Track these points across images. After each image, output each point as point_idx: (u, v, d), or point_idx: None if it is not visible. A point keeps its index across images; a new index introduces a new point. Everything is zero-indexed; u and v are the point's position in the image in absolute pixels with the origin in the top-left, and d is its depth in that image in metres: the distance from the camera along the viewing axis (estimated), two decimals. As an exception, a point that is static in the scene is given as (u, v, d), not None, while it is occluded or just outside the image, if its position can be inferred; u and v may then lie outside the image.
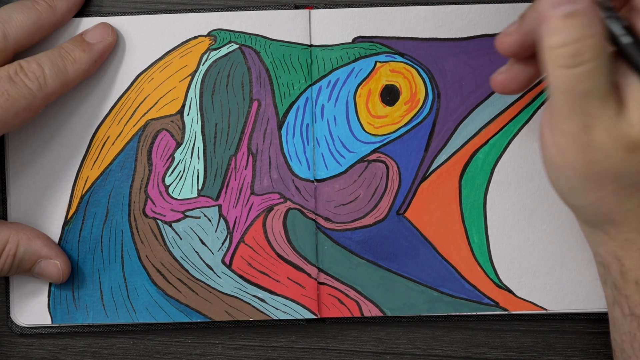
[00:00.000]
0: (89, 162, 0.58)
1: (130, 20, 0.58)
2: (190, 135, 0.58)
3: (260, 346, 0.60)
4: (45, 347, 0.60)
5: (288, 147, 0.58)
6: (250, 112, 0.58)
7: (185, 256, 0.58)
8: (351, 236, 0.58)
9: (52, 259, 0.57)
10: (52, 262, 0.57)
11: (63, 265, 0.57)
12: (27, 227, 0.57)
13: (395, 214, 0.58)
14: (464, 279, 0.58)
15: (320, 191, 0.58)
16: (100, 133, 0.58)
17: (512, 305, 0.58)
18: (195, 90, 0.58)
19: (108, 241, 0.58)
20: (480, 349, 0.59)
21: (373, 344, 0.59)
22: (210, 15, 0.58)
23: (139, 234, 0.58)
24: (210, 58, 0.58)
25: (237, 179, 0.58)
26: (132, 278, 0.58)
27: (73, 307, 0.58)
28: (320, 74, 0.58)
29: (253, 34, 0.58)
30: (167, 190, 0.58)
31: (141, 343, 0.60)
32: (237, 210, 0.58)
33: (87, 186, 0.58)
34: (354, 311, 0.58)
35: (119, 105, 0.58)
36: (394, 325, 0.59)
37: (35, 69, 0.54)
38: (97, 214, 0.58)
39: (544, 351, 0.59)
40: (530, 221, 0.58)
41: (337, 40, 0.58)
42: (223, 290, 0.58)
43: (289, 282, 0.58)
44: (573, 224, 0.58)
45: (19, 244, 0.56)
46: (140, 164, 0.58)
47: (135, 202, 0.58)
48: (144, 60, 0.58)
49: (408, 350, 0.59)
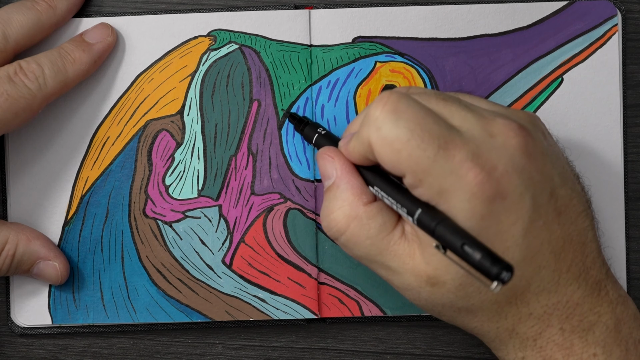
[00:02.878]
0: (89, 162, 0.58)
1: (130, 21, 0.58)
2: (190, 136, 0.58)
3: (260, 346, 0.60)
4: (45, 347, 0.60)
5: (288, 147, 0.58)
6: (250, 112, 0.58)
7: (186, 256, 0.58)
8: (351, 236, 0.58)
9: (51, 260, 0.57)
10: (50, 264, 0.57)
11: (61, 267, 0.57)
12: (26, 228, 0.57)
13: (395, 214, 0.58)
14: (464, 278, 0.58)
15: (321, 191, 0.58)
16: (100, 133, 0.58)
17: (512, 305, 0.58)
18: (195, 91, 0.58)
19: (108, 241, 0.58)
20: (480, 348, 0.59)
21: (373, 344, 0.59)
22: (210, 15, 0.58)
23: (139, 234, 0.58)
24: (210, 58, 0.58)
25: (237, 179, 0.58)
26: (132, 278, 0.58)
27: (73, 307, 0.58)
28: (320, 74, 0.58)
29: (253, 34, 0.58)
30: (167, 190, 0.58)
31: (141, 343, 0.60)
32: (238, 210, 0.58)
33: (87, 186, 0.58)
34: (354, 311, 0.58)
35: (119, 105, 0.58)
36: (394, 325, 0.59)
37: (35, 69, 0.54)
38: (97, 215, 0.58)
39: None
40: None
41: (337, 40, 0.58)
42: (223, 290, 0.58)
43: (289, 282, 0.58)
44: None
45: (18, 244, 0.56)
46: (140, 164, 0.58)
47: (136, 203, 0.58)
48: (144, 60, 0.58)
49: (408, 350, 0.59)
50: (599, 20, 0.58)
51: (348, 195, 0.50)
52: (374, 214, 0.50)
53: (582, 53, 0.58)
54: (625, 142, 0.58)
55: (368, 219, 0.50)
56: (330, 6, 0.58)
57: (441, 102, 0.49)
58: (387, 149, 0.47)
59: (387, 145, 0.47)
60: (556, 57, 0.58)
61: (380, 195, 0.49)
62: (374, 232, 0.50)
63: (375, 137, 0.47)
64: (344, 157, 0.51)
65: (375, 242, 0.50)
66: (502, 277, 0.42)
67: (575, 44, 0.58)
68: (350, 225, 0.50)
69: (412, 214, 0.47)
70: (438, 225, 0.45)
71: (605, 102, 0.58)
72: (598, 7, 0.58)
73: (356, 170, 0.51)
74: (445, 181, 0.46)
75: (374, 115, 0.47)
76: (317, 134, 0.55)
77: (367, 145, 0.48)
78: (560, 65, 0.58)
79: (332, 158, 0.51)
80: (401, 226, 0.50)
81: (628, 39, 0.59)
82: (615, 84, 0.58)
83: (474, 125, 0.47)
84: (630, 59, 0.59)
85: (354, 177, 0.51)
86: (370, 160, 0.50)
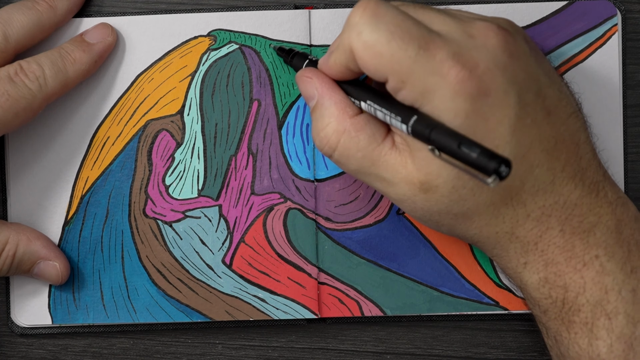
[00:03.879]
0: (89, 162, 0.58)
1: (130, 21, 0.58)
2: (190, 136, 0.58)
3: (260, 346, 0.60)
4: (45, 347, 0.60)
5: (288, 147, 0.58)
6: (251, 112, 0.58)
7: (186, 256, 0.58)
8: (351, 236, 0.58)
9: (52, 260, 0.57)
10: (51, 264, 0.57)
11: (62, 267, 0.57)
12: (27, 228, 0.57)
13: (395, 214, 0.58)
14: (464, 278, 0.58)
15: (321, 191, 0.58)
16: (100, 133, 0.58)
17: (512, 305, 0.58)
18: (196, 91, 0.58)
19: (108, 241, 0.58)
20: (480, 348, 0.59)
21: (373, 344, 0.59)
22: (210, 15, 0.58)
23: (139, 234, 0.58)
24: (211, 58, 0.58)
25: (238, 179, 0.58)
26: (132, 278, 0.58)
27: (73, 307, 0.58)
28: (320, 74, 0.58)
29: (253, 34, 0.58)
30: (168, 190, 0.58)
31: (141, 343, 0.60)
32: (238, 210, 0.58)
33: (87, 186, 0.58)
34: (354, 311, 0.58)
35: (119, 105, 0.58)
36: (394, 325, 0.59)
37: (35, 69, 0.54)
38: (98, 214, 0.58)
39: (544, 351, 0.59)
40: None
41: (337, 40, 0.58)
42: (223, 290, 0.58)
43: (289, 282, 0.58)
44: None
45: (18, 244, 0.56)
46: (140, 164, 0.58)
47: (136, 202, 0.58)
48: (144, 60, 0.58)
49: (408, 350, 0.59)
50: (598, 20, 0.58)
51: (333, 110, 0.51)
52: (361, 126, 0.50)
53: (582, 53, 0.58)
54: (625, 142, 0.58)
55: (356, 131, 0.50)
56: (330, 6, 0.58)
57: (419, 9, 0.49)
58: (368, 52, 0.47)
59: (369, 48, 0.47)
60: (556, 57, 0.58)
61: (373, 108, 0.50)
62: (364, 144, 0.50)
63: (356, 42, 0.48)
64: (323, 74, 0.52)
65: (367, 154, 0.50)
66: (500, 171, 0.42)
67: (575, 44, 0.58)
68: (340, 140, 0.50)
69: (406, 121, 0.47)
70: (433, 130, 0.45)
71: (605, 102, 0.58)
72: (598, 7, 0.58)
73: (337, 86, 0.52)
74: (427, 81, 0.46)
75: (353, 20, 0.48)
76: (307, 61, 0.55)
77: (348, 53, 0.49)
78: (560, 65, 0.58)
79: (310, 78, 0.52)
80: (391, 137, 0.50)
81: (628, 38, 0.59)
82: (615, 84, 0.58)
83: (453, 28, 0.48)
84: (630, 59, 0.59)
85: (336, 92, 0.51)
86: (352, 71, 0.50)
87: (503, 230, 0.50)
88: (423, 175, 0.48)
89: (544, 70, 0.50)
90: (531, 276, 0.51)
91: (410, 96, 0.47)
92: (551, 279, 0.50)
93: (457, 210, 0.49)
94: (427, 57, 0.46)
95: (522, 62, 0.49)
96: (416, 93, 0.47)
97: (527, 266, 0.51)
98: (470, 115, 0.47)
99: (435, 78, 0.46)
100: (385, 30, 0.47)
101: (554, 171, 0.49)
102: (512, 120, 0.48)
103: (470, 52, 0.47)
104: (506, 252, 0.51)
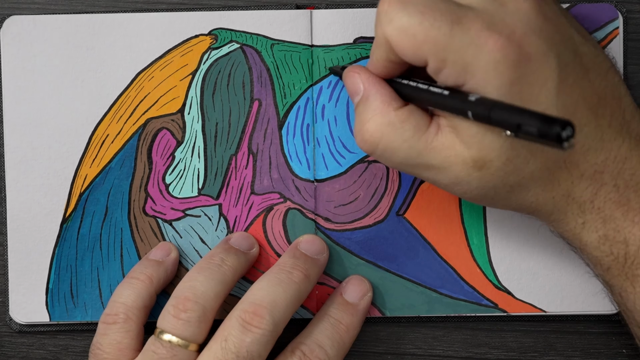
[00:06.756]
0: (87, 160, 0.58)
1: (130, 18, 0.58)
2: (190, 134, 0.58)
3: (259, 345, 0.60)
4: (45, 347, 0.60)
5: (288, 147, 0.58)
6: (251, 112, 0.58)
7: (186, 255, 0.58)
8: (351, 237, 0.58)
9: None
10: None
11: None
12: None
13: (395, 215, 0.58)
14: (463, 280, 0.58)
15: (320, 191, 0.58)
16: (100, 131, 0.58)
17: (512, 307, 0.58)
18: (196, 89, 0.58)
19: (107, 239, 0.58)
20: (480, 349, 0.59)
21: (373, 344, 0.60)
22: (212, 14, 0.58)
23: (138, 232, 0.58)
24: (211, 57, 0.58)
25: (238, 179, 0.58)
26: (131, 277, 0.58)
27: (72, 304, 0.58)
28: (322, 74, 0.58)
29: (254, 33, 0.58)
30: (168, 188, 0.58)
31: (140, 342, 0.60)
32: (237, 209, 0.58)
33: (85, 184, 0.58)
34: (353, 311, 0.58)
35: (119, 103, 0.58)
36: (394, 325, 0.59)
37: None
38: (96, 212, 0.58)
39: (545, 351, 0.59)
40: (530, 223, 0.58)
41: (339, 40, 0.58)
42: (223, 289, 0.58)
43: (289, 282, 0.58)
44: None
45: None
46: (140, 162, 0.58)
47: (135, 201, 0.58)
48: (145, 58, 0.58)
49: (409, 351, 0.60)
50: (600, 22, 0.58)
51: (378, 104, 0.50)
52: (406, 117, 0.50)
53: (582, 55, 0.58)
54: (624, 144, 0.58)
55: (401, 122, 0.50)
56: (331, 6, 0.58)
57: None
58: (403, 37, 0.47)
59: (403, 33, 0.47)
60: (557, 59, 0.58)
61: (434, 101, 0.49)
62: (409, 134, 0.49)
63: (389, 30, 0.47)
64: (369, 71, 0.52)
65: (413, 144, 0.49)
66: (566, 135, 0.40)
67: (576, 46, 0.58)
68: (384, 133, 0.50)
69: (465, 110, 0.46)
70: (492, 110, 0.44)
71: (605, 104, 0.58)
72: (600, 10, 0.58)
73: (383, 81, 0.51)
74: (467, 55, 0.46)
75: (382, 10, 0.48)
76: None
77: (385, 44, 0.48)
78: (560, 67, 0.58)
79: (357, 73, 0.52)
80: (435, 123, 0.50)
81: (629, 39, 0.59)
82: (616, 86, 0.58)
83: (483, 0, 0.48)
84: (631, 59, 0.59)
85: (382, 86, 0.51)
86: (394, 62, 0.50)
87: (559, 193, 0.50)
88: (475, 152, 0.48)
89: (576, 29, 0.50)
90: (590, 235, 0.51)
91: (453, 74, 0.47)
92: (611, 236, 0.50)
93: (513, 181, 0.49)
94: (463, 31, 0.46)
95: (556, 23, 0.48)
96: (458, 69, 0.46)
97: (586, 225, 0.51)
98: (514, 82, 0.46)
99: (474, 50, 0.46)
100: (415, 11, 0.47)
101: (602, 127, 0.49)
102: (555, 81, 0.47)
103: (504, 20, 0.47)
104: (564, 216, 0.51)
